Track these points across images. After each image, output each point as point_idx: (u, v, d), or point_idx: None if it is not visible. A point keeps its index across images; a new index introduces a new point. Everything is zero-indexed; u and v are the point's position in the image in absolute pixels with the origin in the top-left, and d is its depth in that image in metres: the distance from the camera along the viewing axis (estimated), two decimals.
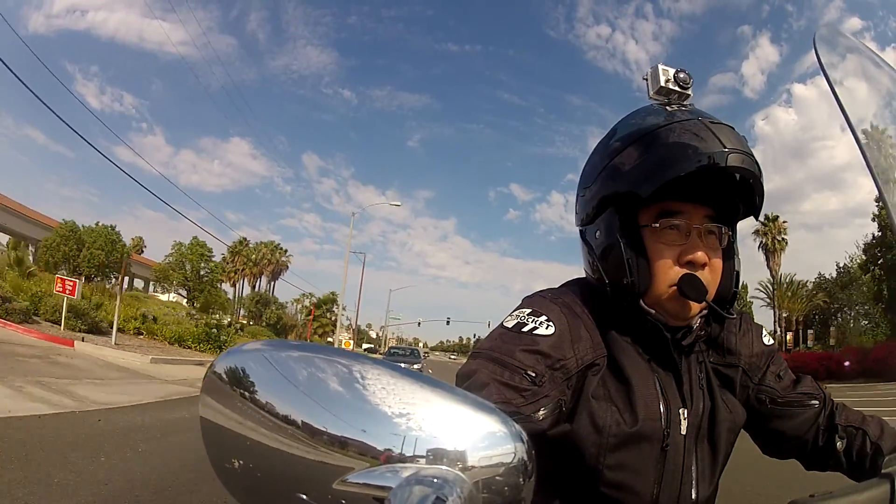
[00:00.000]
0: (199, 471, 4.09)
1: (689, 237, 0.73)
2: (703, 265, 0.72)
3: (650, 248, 0.73)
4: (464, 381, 0.67)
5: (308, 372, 0.38)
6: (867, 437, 0.76)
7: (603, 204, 0.76)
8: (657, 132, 0.72)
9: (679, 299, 0.72)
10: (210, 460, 0.42)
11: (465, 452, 0.35)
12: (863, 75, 0.79)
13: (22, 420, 5.29)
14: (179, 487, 3.85)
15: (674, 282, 0.72)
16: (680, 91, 0.78)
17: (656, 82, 0.78)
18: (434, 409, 0.36)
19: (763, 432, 0.84)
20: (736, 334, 0.83)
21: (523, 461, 0.37)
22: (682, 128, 0.70)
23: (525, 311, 0.73)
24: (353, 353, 0.39)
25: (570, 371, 0.70)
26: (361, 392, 0.36)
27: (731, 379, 0.81)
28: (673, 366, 0.76)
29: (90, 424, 5.69)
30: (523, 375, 0.66)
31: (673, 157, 0.68)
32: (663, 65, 0.79)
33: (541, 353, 0.69)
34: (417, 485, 0.33)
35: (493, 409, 0.38)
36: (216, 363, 0.41)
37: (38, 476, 3.68)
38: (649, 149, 0.71)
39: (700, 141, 0.68)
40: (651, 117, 0.75)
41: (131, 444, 5.02)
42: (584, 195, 0.81)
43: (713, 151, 0.67)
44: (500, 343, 0.70)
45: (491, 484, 0.36)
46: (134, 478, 3.97)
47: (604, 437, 0.70)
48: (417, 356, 21.45)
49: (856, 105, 0.73)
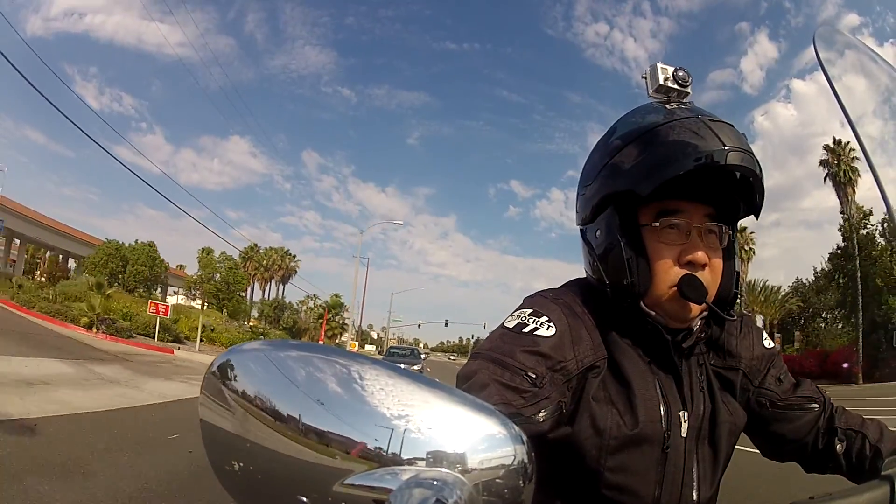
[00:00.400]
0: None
1: (690, 237, 0.72)
2: (704, 265, 0.72)
3: (650, 247, 0.73)
4: (464, 382, 0.67)
5: (308, 372, 0.37)
6: (867, 439, 0.76)
7: (603, 203, 0.76)
8: (657, 130, 0.71)
9: (679, 300, 0.71)
10: (210, 462, 0.42)
11: (464, 455, 0.35)
12: (861, 72, 0.79)
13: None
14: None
15: (674, 282, 0.71)
16: (679, 89, 0.78)
17: (655, 81, 0.78)
18: (434, 411, 0.36)
19: (763, 435, 0.84)
20: (736, 337, 0.82)
21: (523, 463, 0.37)
22: (682, 126, 0.70)
23: (526, 312, 0.73)
24: (352, 353, 0.39)
25: (570, 373, 0.70)
26: (361, 393, 0.36)
27: (732, 382, 0.81)
28: (673, 368, 0.75)
29: None
30: (524, 377, 0.66)
31: (672, 156, 0.68)
32: (662, 63, 0.79)
33: (541, 354, 0.68)
34: (417, 487, 0.33)
35: (493, 411, 0.37)
36: (215, 363, 0.41)
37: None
38: (649, 147, 0.71)
39: (699, 139, 0.68)
40: (651, 115, 0.74)
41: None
42: (584, 194, 0.80)
43: (713, 149, 0.67)
44: (501, 344, 0.70)
45: (491, 486, 0.36)
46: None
47: (604, 440, 0.70)
48: (417, 356, 21.26)
49: (855, 101, 0.73)
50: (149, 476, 3.98)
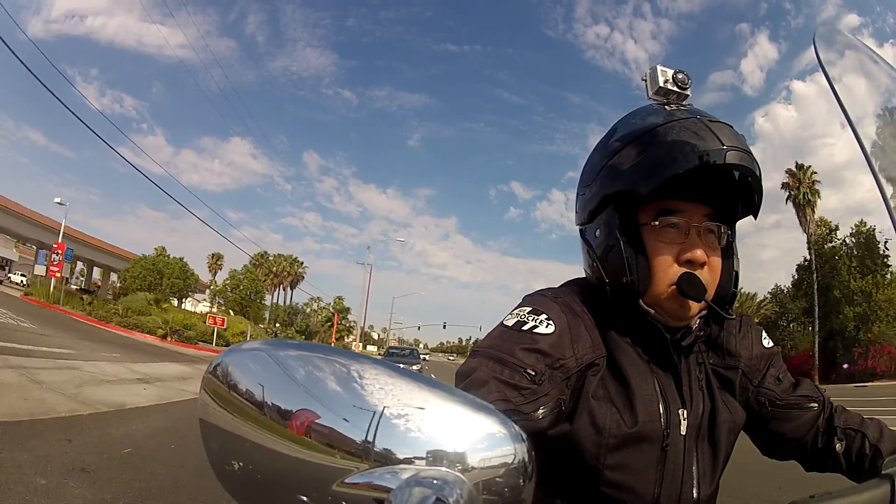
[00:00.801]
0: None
1: (689, 236, 0.73)
2: (703, 264, 0.72)
3: (649, 246, 0.73)
4: (463, 379, 0.67)
5: (307, 372, 0.37)
6: (866, 439, 0.76)
7: (603, 203, 0.76)
8: (656, 131, 0.72)
9: (678, 298, 0.71)
10: (209, 461, 0.42)
11: (464, 454, 0.35)
12: (862, 73, 0.79)
13: None
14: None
15: (673, 281, 0.71)
16: (678, 91, 0.78)
17: (655, 83, 0.78)
18: (433, 410, 0.36)
19: (763, 434, 0.84)
20: (736, 336, 0.83)
21: (523, 462, 0.37)
22: (681, 126, 0.70)
23: (525, 310, 0.73)
24: (352, 352, 0.39)
25: (569, 370, 0.70)
26: (361, 393, 0.36)
27: (731, 381, 0.81)
28: (672, 366, 0.75)
29: None
30: (523, 374, 0.66)
31: (672, 155, 0.68)
32: (662, 65, 0.79)
33: (541, 351, 0.68)
34: (417, 486, 0.33)
35: (492, 410, 0.37)
36: (215, 363, 0.41)
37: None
38: (648, 147, 0.71)
39: (699, 139, 0.68)
40: (651, 117, 0.75)
41: None
42: (584, 194, 0.81)
43: (711, 149, 0.67)
44: (500, 341, 0.70)
45: (491, 485, 0.36)
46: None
47: (604, 438, 0.70)
48: (416, 357, 21.14)
49: (855, 102, 0.73)
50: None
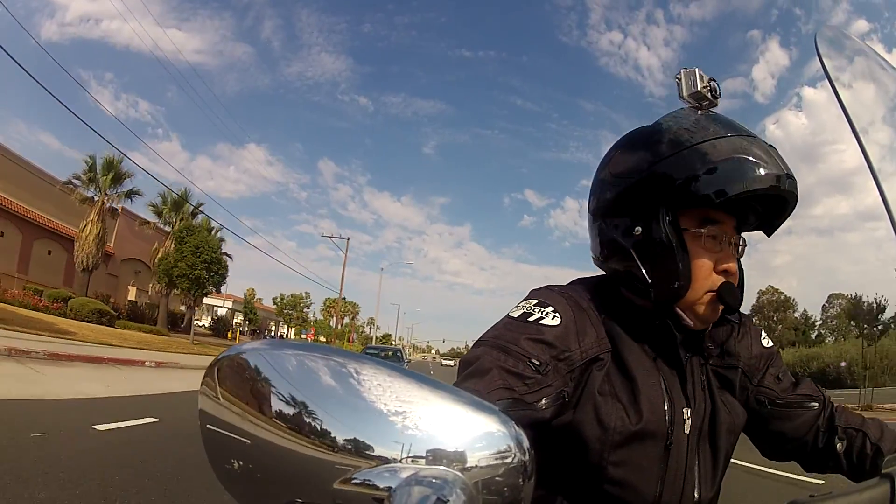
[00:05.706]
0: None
1: (724, 246, 0.74)
2: (734, 275, 0.74)
3: (692, 252, 0.73)
4: (466, 367, 0.67)
5: (307, 372, 0.37)
6: (867, 438, 0.76)
7: (648, 200, 0.73)
8: (731, 140, 0.70)
9: (714, 305, 0.73)
10: (209, 461, 0.41)
11: (464, 453, 0.35)
12: (866, 76, 0.79)
13: None
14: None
15: (709, 288, 0.72)
16: (710, 99, 0.77)
17: (692, 85, 0.76)
18: (433, 409, 0.36)
19: (763, 434, 0.84)
20: (735, 336, 0.83)
21: (523, 462, 0.36)
22: (747, 142, 0.70)
23: (532, 302, 0.73)
24: (351, 352, 0.39)
25: (573, 363, 0.70)
26: (360, 392, 0.36)
27: (731, 380, 0.81)
28: (678, 365, 0.76)
29: None
30: (527, 363, 0.66)
31: (748, 171, 0.68)
32: (699, 70, 0.78)
33: (545, 342, 0.68)
34: (417, 485, 0.33)
35: (493, 409, 0.37)
36: (214, 363, 0.41)
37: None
38: (722, 157, 0.69)
39: (770, 159, 0.69)
40: (712, 124, 0.73)
41: None
42: (619, 184, 0.76)
43: (780, 174, 0.69)
44: (505, 331, 0.70)
45: (491, 484, 0.36)
46: None
47: (608, 434, 0.70)
48: (401, 360, 21.30)
49: (859, 107, 0.72)
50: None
